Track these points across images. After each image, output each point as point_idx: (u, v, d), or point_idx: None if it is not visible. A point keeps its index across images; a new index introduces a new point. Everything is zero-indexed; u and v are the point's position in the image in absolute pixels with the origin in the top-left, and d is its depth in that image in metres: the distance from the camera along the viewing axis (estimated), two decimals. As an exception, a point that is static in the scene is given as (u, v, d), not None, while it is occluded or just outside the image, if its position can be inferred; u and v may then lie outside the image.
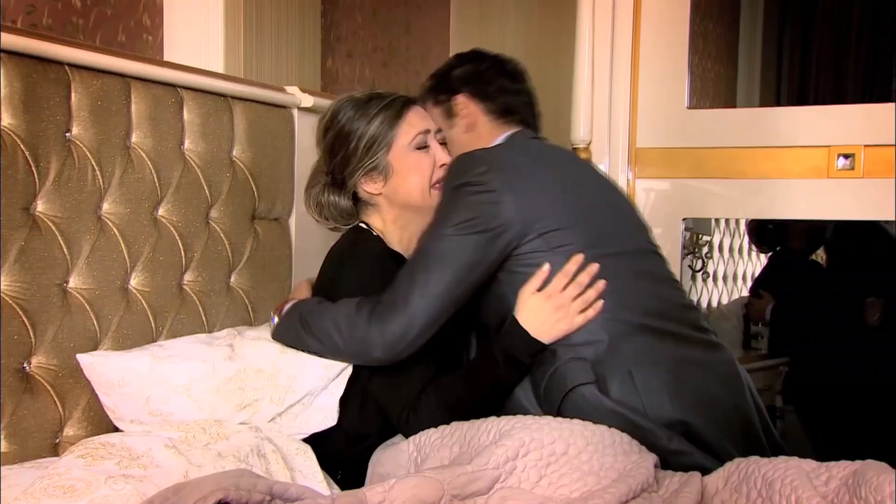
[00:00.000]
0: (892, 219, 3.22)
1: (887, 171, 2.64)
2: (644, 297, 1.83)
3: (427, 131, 1.95)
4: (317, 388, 1.83)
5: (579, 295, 1.77)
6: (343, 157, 1.94)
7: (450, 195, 1.81)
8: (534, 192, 1.80)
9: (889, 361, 3.28)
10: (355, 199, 1.99)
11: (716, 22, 5.02)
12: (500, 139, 1.99)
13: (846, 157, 2.69)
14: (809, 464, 1.48)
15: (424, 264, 1.76)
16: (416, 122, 1.94)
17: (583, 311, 1.77)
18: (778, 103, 5.52)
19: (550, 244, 1.77)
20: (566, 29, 3.01)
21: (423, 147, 1.94)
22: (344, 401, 1.85)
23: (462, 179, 1.80)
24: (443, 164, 1.95)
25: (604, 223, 1.88)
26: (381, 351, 1.74)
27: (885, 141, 2.64)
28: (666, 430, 1.70)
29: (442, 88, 2.05)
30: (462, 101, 2.02)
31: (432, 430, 1.73)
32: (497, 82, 2.03)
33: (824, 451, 1.98)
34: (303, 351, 1.82)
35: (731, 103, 5.26)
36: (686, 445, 1.70)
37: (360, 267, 1.91)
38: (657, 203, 2.89)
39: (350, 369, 1.85)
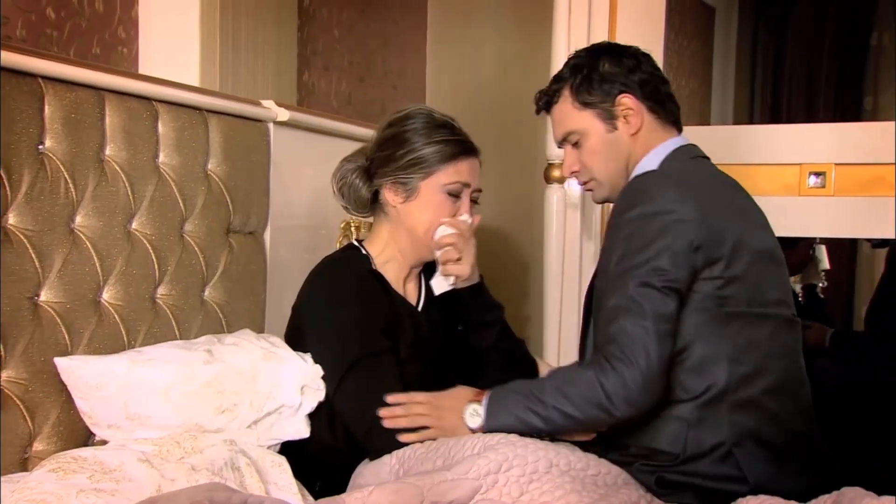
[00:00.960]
0: (862, 237, 3.25)
1: (857, 189, 2.68)
2: (775, 373, 1.73)
3: (468, 185, 1.96)
4: (293, 402, 1.84)
5: None
6: (386, 157, 1.96)
7: (641, 222, 1.69)
8: (722, 231, 1.70)
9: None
10: (376, 197, 2.00)
11: (690, 39, 5.08)
12: (665, 147, 1.85)
13: (817, 175, 2.72)
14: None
15: (637, 309, 1.62)
16: (464, 171, 1.96)
17: None
18: (751, 121, 5.59)
19: (717, 296, 1.68)
20: (543, 43, 3.03)
21: (454, 195, 1.94)
22: (315, 413, 1.86)
23: (653, 207, 1.69)
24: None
25: (765, 275, 1.76)
26: (624, 408, 1.61)
27: (856, 160, 2.68)
28: None
29: (594, 88, 1.85)
30: (629, 102, 1.84)
31: (418, 444, 1.74)
32: (652, 73, 1.88)
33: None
34: (528, 434, 1.71)
35: (705, 120, 5.32)
36: None
37: (336, 283, 1.93)
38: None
39: (322, 392, 1.86)
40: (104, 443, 1.72)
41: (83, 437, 1.75)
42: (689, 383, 1.69)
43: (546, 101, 1.95)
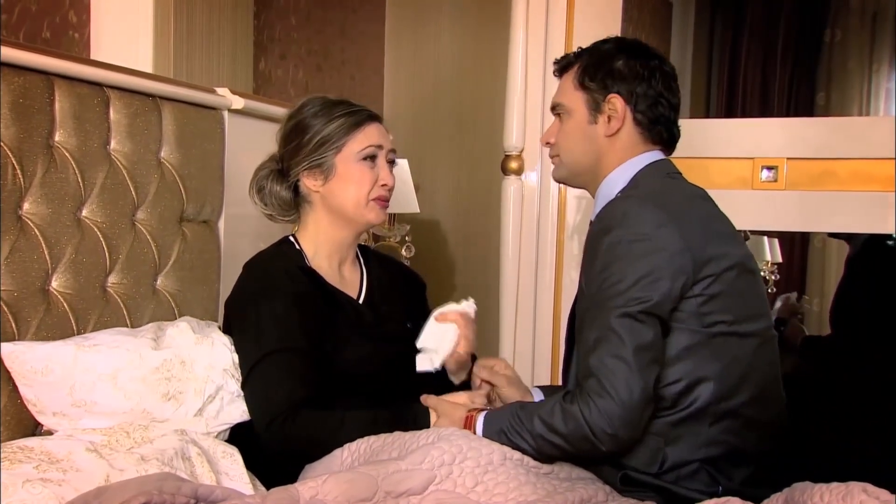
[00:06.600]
0: (812, 230, 3.29)
1: (808, 183, 2.72)
2: (755, 386, 1.73)
3: (380, 147, 1.96)
4: (231, 386, 1.85)
5: None
6: (294, 147, 1.95)
7: (619, 248, 1.66)
8: (704, 250, 1.68)
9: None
10: (297, 192, 2.00)
11: (648, 33, 5.11)
12: (637, 161, 1.83)
13: (770, 168, 2.76)
14: None
15: (616, 340, 1.60)
16: (372, 134, 1.96)
17: None
18: (707, 115, 5.65)
19: (700, 313, 1.67)
20: (501, 36, 3.04)
21: (370, 159, 1.94)
22: None
23: (632, 232, 1.66)
24: (384, 184, 1.95)
25: (744, 289, 1.75)
26: (609, 442, 1.60)
27: (807, 154, 2.72)
28: None
29: (597, 77, 1.83)
30: (617, 104, 1.81)
31: (373, 437, 1.73)
32: (660, 92, 1.83)
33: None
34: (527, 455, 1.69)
35: (661, 114, 5.35)
36: None
37: (262, 278, 1.93)
38: (588, 212, 2.93)
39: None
40: (52, 433, 1.69)
41: (30, 427, 1.72)
42: (671, 400, 1.68)
43: (560, 68, 1.93)
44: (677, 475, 1.68)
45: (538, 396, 1.98)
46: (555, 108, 1.92)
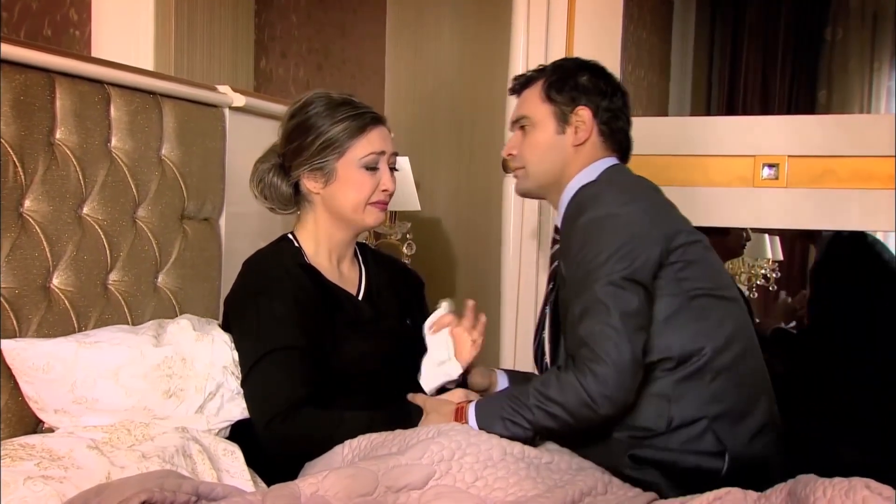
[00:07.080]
0: (813, 228, 3.29)
1: (810, 180, 2.72)
2: (741, 343, 1.84)
3: (382, 153, 1.96)
4: (231, 383, 1.85)
5: None
6: (297, 147, 1.95)
7: (592, 226, 1.78)
8: (671, 225, 1.83)
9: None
10: (297, 190, 2.00)
11: (649, 32, 5.12)
12: (599, 165, 1.95)
13: (771, 166, 2.75)
14: (751, 495, 1.51)
15: (603, 309, 1.70)
16: (375, 140, 1.95)
17: None
18: (708, 113, 5.65)
19: (679, 278, 1.78)
20: (501, 34, 3.03)
21: (372, 168, 1.94)
22: None
23: (603, 211, 1.79)
24: (385, 189, 1.96)
25: (713, 260, 1.90)
26: (607, 406, 1.68)
27: (809, 152, 2.72)
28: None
29: (564, 90, 1.96)
30: (585, 116, 1.94)
31: (374, 434, 1.74)
32: (619, 107, 1.98)
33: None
34: (518, 438, 1.73)
35: (663, 112, 5.36)
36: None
37: (261, 276, 1.93)
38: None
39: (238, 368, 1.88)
40: (53, 430, 1.69)
41: (31, 424, 1.72)
42: (676, 360, 1.77)
43: (521, 84, 2.04)
44: (686, 436, 1.75)
45: (502, 378, 2.08)
46: (518, 121, 2.02)
